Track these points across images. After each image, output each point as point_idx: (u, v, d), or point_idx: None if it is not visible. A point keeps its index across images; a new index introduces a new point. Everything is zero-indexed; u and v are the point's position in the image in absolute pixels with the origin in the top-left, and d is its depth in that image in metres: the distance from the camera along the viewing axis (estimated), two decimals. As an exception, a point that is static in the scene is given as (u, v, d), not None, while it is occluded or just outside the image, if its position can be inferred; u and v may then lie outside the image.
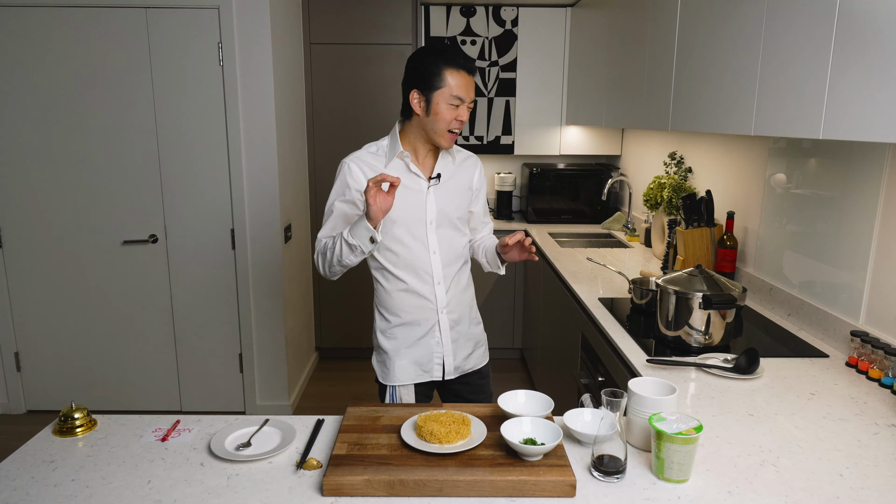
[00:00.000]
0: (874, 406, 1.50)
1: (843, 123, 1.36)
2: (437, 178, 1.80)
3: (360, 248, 1.66)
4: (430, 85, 1.68)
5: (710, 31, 2.00)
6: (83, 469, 1.23)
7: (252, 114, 3.11)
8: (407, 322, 1.83)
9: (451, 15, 4.04)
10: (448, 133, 1.72)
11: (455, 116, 1.70)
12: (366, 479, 1.13)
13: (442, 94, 1.67)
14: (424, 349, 1.85)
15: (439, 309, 1.84)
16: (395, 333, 1.85)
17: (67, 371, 3.33)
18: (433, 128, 1.71)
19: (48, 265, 3.21)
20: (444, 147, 1.77)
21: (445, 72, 1.67)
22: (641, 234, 3.45)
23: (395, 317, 1.84)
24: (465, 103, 1.70)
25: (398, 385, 1.86)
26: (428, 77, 1.68)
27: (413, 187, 1.77)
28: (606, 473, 1.18)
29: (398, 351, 1.84)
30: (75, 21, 2.97)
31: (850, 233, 1.86)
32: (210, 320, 3.30)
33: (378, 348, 1.90)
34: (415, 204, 1.77)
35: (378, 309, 1.90)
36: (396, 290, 1.83)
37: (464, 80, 1.68)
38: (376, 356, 1.91)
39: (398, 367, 1.84)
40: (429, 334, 1.84)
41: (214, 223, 3.19)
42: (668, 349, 1.86)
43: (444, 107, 1.68)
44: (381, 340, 1.87)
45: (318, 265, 1.83)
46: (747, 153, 2.45)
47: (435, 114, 1.69)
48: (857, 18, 1.32)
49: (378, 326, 1.89)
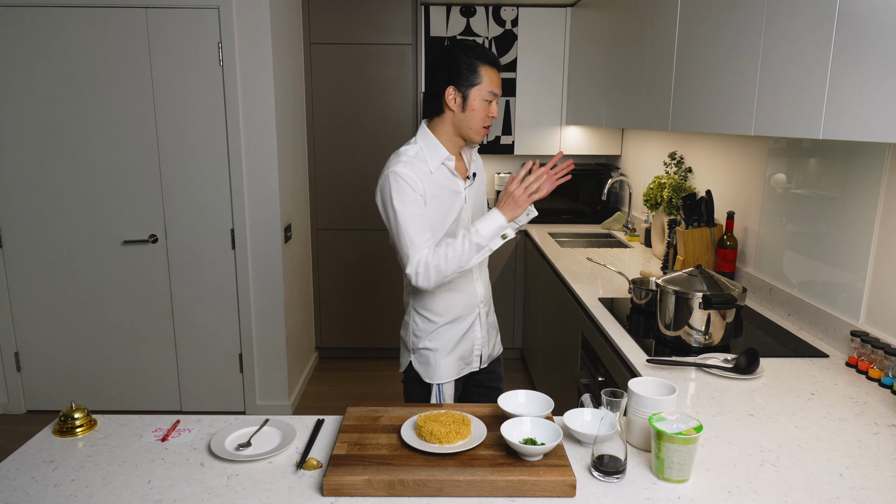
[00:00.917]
0: (874, 406, 1.50)
1: (843, 123, 1.36)
2: (472, 178, 1.86)
3: (488, 248, 1.68)
4: (468, 81, 1.71)
5: (710, 31, 2.00)
6: (83, 469, 1.23)
7: (252, 114, 3.11)
8: (452, 320, 1.86)
9: (451, 15, 4.04)
10: (482, 129, 1.77)
11: (489, 112, 1.75)
12: (366, 479, 1.13)
13: (479, 90, 1.71)
14: (468, 344, 1.91)
15: (478, 303, 1.91)
16: (440, 333, 1.86)
17: (67, 371, 3.33)
18: (469, 124, 1.74)
19: (48, 265, 3.21)
20: (476, 142, 1.82)
21: (481, 68, 1.71)
22: (641, 234, 3.45)
23: (440, 317, 1.86)
24: (497, 98, 1.76)
25: (444, 383, 1.89)
26: (466, 73, 1.71)
27: (454, 188, 1.80)
28: (606, 473, 1.18)
29: (445, 349, 1.87)
30: (75, 21, 2.97)
31: (850, 233, 1.86)
32: (210, 320, 3.30)
33: (420, 350, 1.88)
34: (456, 205, 1.80)
35: (418, 312, 1.87)
36: (443, 291, 1.84)
37: (496, 76, 1.74)
38: (417, 357, 1.89)
39: (445, 364, 1.87)
40: (471, 328, 1.90)
41: (214, 223, 3.20)
42: (667, 349, 1.86)
43: (479, 102, 1.72)
44: (425, 342, 1.87)
45: (430, 280, 1.69)
46: (747, 153, 2.46)
47: (471, 109, 1.73)
48: (857, 18, 1.32)
49: (419, 328, 1.87)
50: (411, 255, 1.68)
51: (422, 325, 1.87)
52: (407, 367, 1.92)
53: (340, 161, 3.94)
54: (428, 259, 1.67)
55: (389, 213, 1.71)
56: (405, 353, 1.93)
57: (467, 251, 1.65)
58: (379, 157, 3.93)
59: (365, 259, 4.05)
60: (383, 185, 1.71)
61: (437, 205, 1.74)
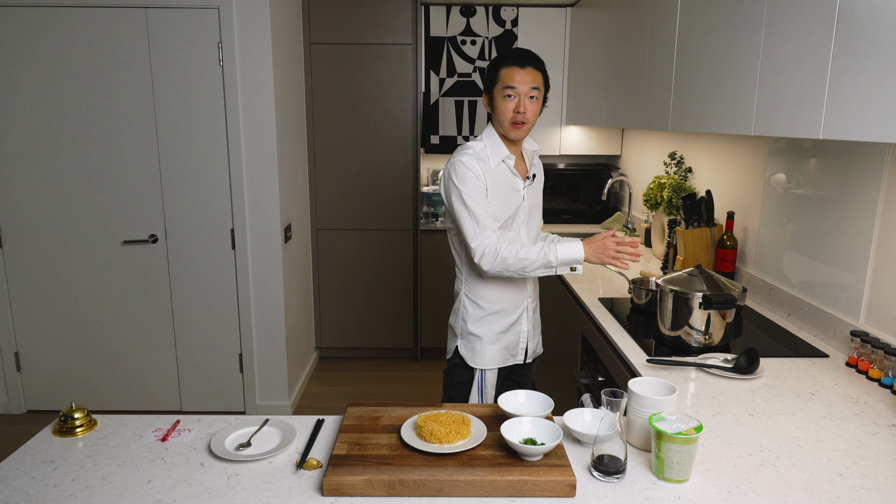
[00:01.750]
0: (874, 406, 1.50)
1: (843, 123, 1.36)
2: (531, 179, 1.98)
3: (555, 269, 1.79)
4: (490, 84, 1.88)
5: (710, 31, 2.00)
6: (83, 469, 1.23)
7: (252, 114, 3.11)
8: (500, 310, 1.96)
9: (451, 15, 4.04)
10: (512, 124, 1.85)
11: (513, 108, 1.83)
12: (366, 479, 1.13)
13: (498, 90, 1.85)
14: (514, 335, 2.01)
15: (527, 297, 2.01)
16: (488, 321, 1.96)
17: (67, 371, 3.33)
18: (500, 122, 1.87)
19: (48, 265, 3.21)
20: (513, 138, 1.89)
21: (498, 69, 1.85)
22: (641, 234, 3.45)
23: (490, 304, 1.96)
24: (519, 92, 1.81)
25: (487, 369, 1.97)
26: (489, 78, 1.88)
27: (513, 186, 1.90)
28: (606, 473, 1.18)
29: (491, 336, 1.96)
30: (75, 21, 2.97)
31: (850, 233, 1.86)
32: (210, 320, 3.30)
33: (468, 335, 1.98)
34: (514, 201, 1.91)
35: (469, 298, 1.98)
36: (495, 281, 1.94)
37: (513, 72, 1.82)
38: (464, 342, 1.99)
39: (490, 351, 1.97)
40: (518, 321, 2.00)
41: (214, 223, 3.19)
42: (667, 349, 1.86)
43: (500, 100, 1.84)
44: (473, 327, 1.97)
45: (492, 266, 1.79)
46: (747, 153, 2.45)
47: (497, 108, 1.86)
48: (857, 18, 1.32)
49: (469, 315, 1.97)
50: (479, 234, 1.80)
51: (471, 311, 1.96)
52: (453, 353, 2.01)
53: (340, 161, 3.94)
54: (498, 247, 1.78)
55: (454, 198, 1.83)
56: (452, 338, 2.03)
57: (537, 262, 1.77)
58: (379, 157, 3.93)
59: (365, 259, 4.05)
60: (449, 172, 1.86)
61: (496, 199, 1.86)
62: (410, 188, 3.98)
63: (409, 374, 4.00)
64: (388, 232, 4.03)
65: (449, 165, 1.87)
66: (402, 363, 4.17)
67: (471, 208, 1.80)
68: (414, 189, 3.98)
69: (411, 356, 4.24)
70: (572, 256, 1.78)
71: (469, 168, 1.82)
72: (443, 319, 4.10)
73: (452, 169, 1.84)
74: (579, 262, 1.79)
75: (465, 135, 4.19)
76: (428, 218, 4.08)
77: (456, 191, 1.82)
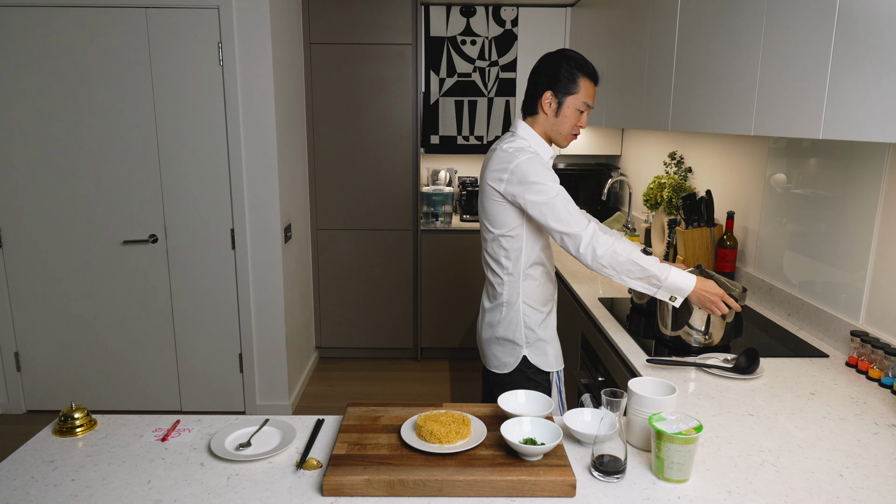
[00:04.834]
0: (874, 406, 1.50)
1: (843, 123, 1.36)
2: None
3: (654, 288, 1.70)
4: (566, 89, 1.78)
5: (710, 31, 2.00)
6: (83, 469, 1.23)
7: (252, 114, 3.11)
8: (552, 310, 1.95)
9: (451, 15, 4.04)
10: (570, 136, 1.84)
11: (579, 122, 1.82)
12: (366, 479, 1.13)
13: (574, 99, 1.79)
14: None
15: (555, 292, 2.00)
16: (548, 323, 1.93)
17: (67, 371, 3.33)
18: (559, 129, 1.82)
19: (48, 265, 3.21)
20: (562, 146, 1.88)
21: (580, 78, 1.78)
22: (641, 234, 3.45)
23: (544, 306, 1.91)
24: (588, 111, 1.83)
25: (560, 370, 1.95)
26: (564, 82, 1.78)
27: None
28: (606, 473, 1.18)
29: (555, 336, 1.94)
30: (75, 21, 2.97)
31: (850, 233, 1.86)
32: (210, 320, 3.30)
33: (537, 341, 1.88)
34: None
35: (527, 304, 1.87)
36: (547, 282, 1.92)
37: (593, 90, 1.82)
38: (532, 350, 1.88)
39: (557, 350, 1.94)
40: None
41: (214, 223, 3.19)
42: (667, 349, 1.86)
43: (572, 111, 1.80)
44: (540, 332, 1.89)
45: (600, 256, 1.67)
46: (747, 153, 2.45)
47: (564, 116, 1.81)
48: (857, 18, 1.32)
49: (531, 320, 1.87)
50: (580, 221, 1.68)
51: (533, 317, 1.88)
52: (518, 364, 1.88)
53: (340, 161, 3.94)
54: (607, 241, 1.66)
55: (532, 194, 1.70)
56: (512, 350, 1.88)
57: (645, 272, 1.66)
58: (379, 157, 3.93)
59: (365, 259, 4.05)
60: (525, 169, 1.71)
61: None
62: (410, 188, 3.98)
63: (409, 374, 4.00)
64: (388, 232, 4.03)
65: (522, 162, 1.72)
66: (402, 363, 4.17)
67: (563, 199, 1.69)
68: (414, 189, 3.98)
69: (411, 356, 4.25)
70: (680, 283, 1.66)
71: (542, 164, 1.73)
72: (443, 319, 4.11)
73: (529, 164, 1.71)
74: (685, 293, 1.67)
75: (464, 135, 4.19)
76: (428, 218, 4.07)
77: (534, 187, 1.69)
